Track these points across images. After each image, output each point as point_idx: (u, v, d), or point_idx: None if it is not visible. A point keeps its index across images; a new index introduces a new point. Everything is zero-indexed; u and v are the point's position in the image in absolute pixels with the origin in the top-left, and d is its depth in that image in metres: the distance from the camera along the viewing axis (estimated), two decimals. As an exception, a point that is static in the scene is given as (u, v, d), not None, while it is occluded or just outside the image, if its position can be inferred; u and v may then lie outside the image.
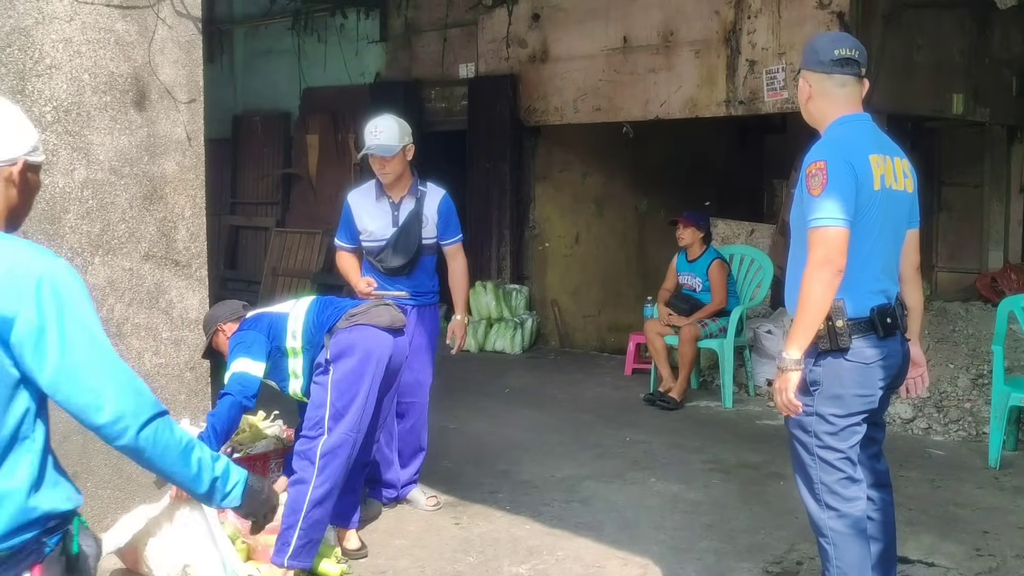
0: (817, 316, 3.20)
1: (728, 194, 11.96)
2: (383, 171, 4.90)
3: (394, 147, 4.86)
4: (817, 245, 3.17)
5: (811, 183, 3.22)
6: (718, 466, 5.84)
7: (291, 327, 4.34)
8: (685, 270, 7.54)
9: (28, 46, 4.24)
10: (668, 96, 8.79)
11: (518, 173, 10.05)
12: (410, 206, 4.96)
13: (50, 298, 2.03)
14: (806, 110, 3.48)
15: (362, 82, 11.12)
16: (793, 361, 3.23)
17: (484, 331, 9.60)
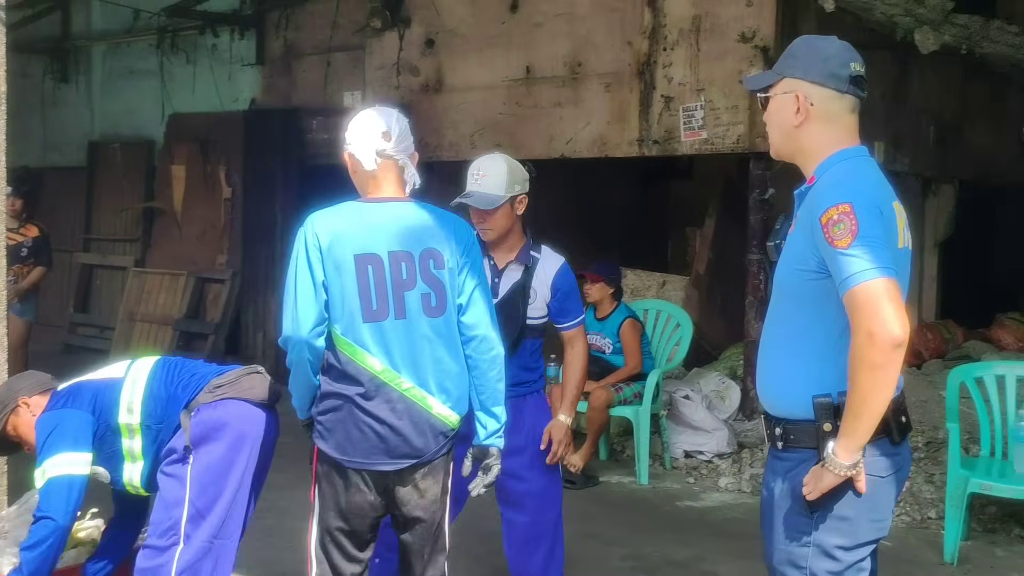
0: (878, 404, 2.36)
1: (632, 242, 11.23)
2: (483, 226, 3.78)
3: (497, 197, 3.79)
4: (864, 309, 2.32)
5: (833, 232, 2.36)
6: (641, 564, 4.94)
7: (126, 398, 3.36)
8: (593, 329, 6.67)
9: None
10: (575, 133, 7.98)
11: (408, 213, 9.06)
12: (515, 275, 3.85)
13: None
14: (790, 136, 2.60)
15: (235, 108, 10.03)
16: (845, 466, 2.40)
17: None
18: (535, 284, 3.86)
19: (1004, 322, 9.45)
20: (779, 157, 2.69)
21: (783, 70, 2.60)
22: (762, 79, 2.66)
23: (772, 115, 2.63)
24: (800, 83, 2.56)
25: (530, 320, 3.87)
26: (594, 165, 8.99)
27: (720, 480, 6.40)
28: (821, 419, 2.44)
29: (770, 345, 2.60)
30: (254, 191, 9.77)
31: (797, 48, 2.61)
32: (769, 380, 2.58)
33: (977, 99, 10.32)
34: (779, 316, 2.57)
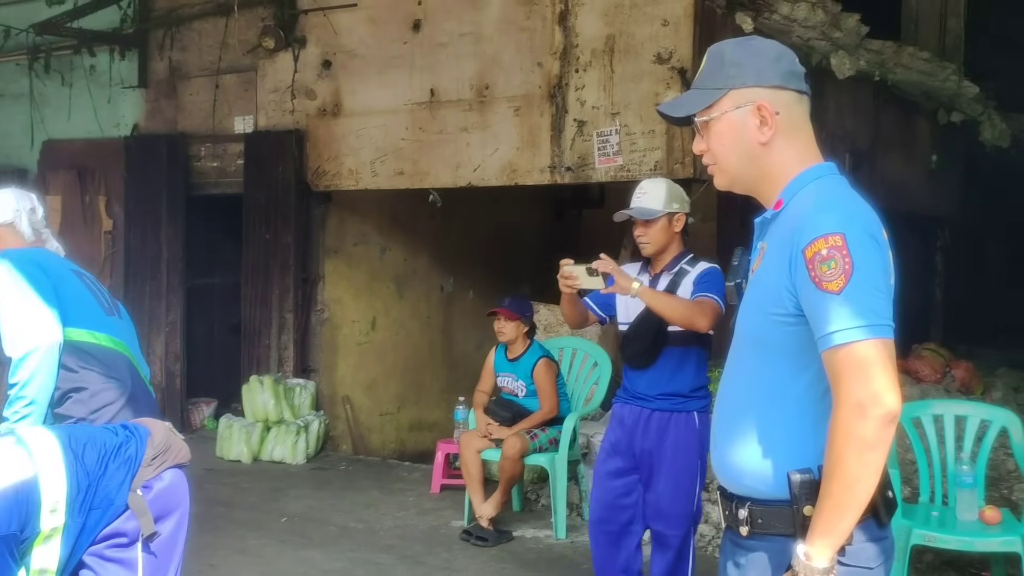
0: (867, 491, 1.90)
1: (542, 274, 10.80)
2: (643, 239, 4.16)
3: (654, 211, 4.10)
4: (852, 375, 1.87)
5: (821, 271, 1.90)
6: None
7: (49, 498, 2.66)
8: (505, 370, 6.16)
9: None
10: (483, 160, 7.49)
11: (304, 246, 8.47)
12: (665, 282, 4.14)
13: None
14: (754, 158, 2.11)
15: (116, 135, 9.28)
16: (822, 571, 1.90)
17: (260, 436, 7.88)
18: (680, 291, 4.07)
19: (921, 353, 9.23)
20: (732, 188, 2.21)
21: (726, 82, 2.11)
22: (697, 99, 2.16)
23: (724, 137, 2.12)
24: (756, 91, 2.08)
25: (673, 328, 4.02)
26: (503, 193, 8.53)
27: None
28: (800, 500, 1.96)
29: (731, 406, 2.11)
30: (137, 223, 9.04)
31: (734, 55, 2.12)
32: (730, 450, 2.09)
33: (888, 127, 10.20)
34: (744, 370, 2.09)
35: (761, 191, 2.16)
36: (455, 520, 6.22)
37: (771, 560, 2.00)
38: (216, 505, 6.50)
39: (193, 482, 6.49)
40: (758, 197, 2.19)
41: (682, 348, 4.09)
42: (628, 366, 4.26)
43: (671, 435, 4.08)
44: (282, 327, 8.44)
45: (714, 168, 2.20)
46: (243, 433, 7.84)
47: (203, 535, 5.75)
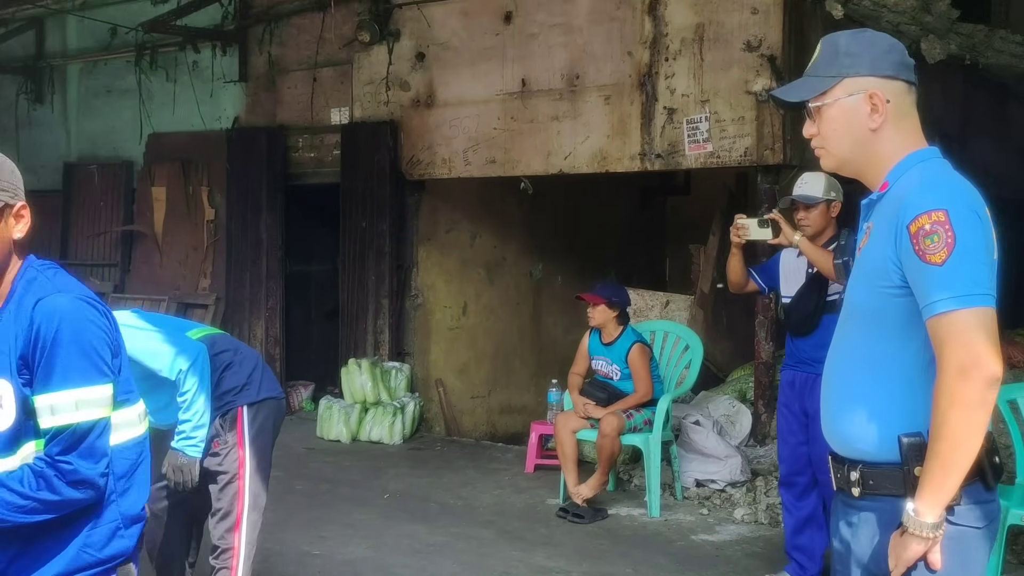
0: (971, 451, 2.03)
1: (628, 260, 10.93)
2: (802, 221, 4.69)
3: (815, 198, 4.65)
4: (955, 340, 2.00)
5: (925, 244, 2.03)
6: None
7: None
8: (600, 354, 6.32)
9: None
10: (574, 148, 7.65)
11: (399, 234, 8.73)
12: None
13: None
14: (864, 143, 2.22)
15: (218, 127, 9.66)
16: (931, 526, 2.03)
17: (358, 417, 8.17)
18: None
19: (1015, 339, 9.15)
20: (840, 171, 2.34)
21: (841, 71, 2.24)
22: (812, 86, 2.29)
23: (836, 123, 2.25)
24: (869, 80, 2.21)
25: (831, 297, 4.57)
26: (592, 181, 8.69)
27: (735, 511, 6.05)
28: (910, 461, 2.09)
29: (843, 375, 2.24)
30: (238, 212, 9.40)
31: (848, 45, 2.24)
32: (842, 416, 2.23)
33: (979, 111, 10.08)
34: (855, 342, 2.22)
35: (867, 174, 2.29)
36: (550, 499, 6.41)
37: (881, 519, 2.14)
38: (321, 482, 6.79)
39: (297, 460, 6.83)
40: (863, 180, 2.32)
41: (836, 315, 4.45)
42: (791, 334, 4.80)
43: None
44: (378, 312, 8.72)
45: (823, 152, 2.33)
46: (343, 414, 8.14)
47: (312, 510, 6.07)
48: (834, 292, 4.57)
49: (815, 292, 4.65)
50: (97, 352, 2.23)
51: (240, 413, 3.75)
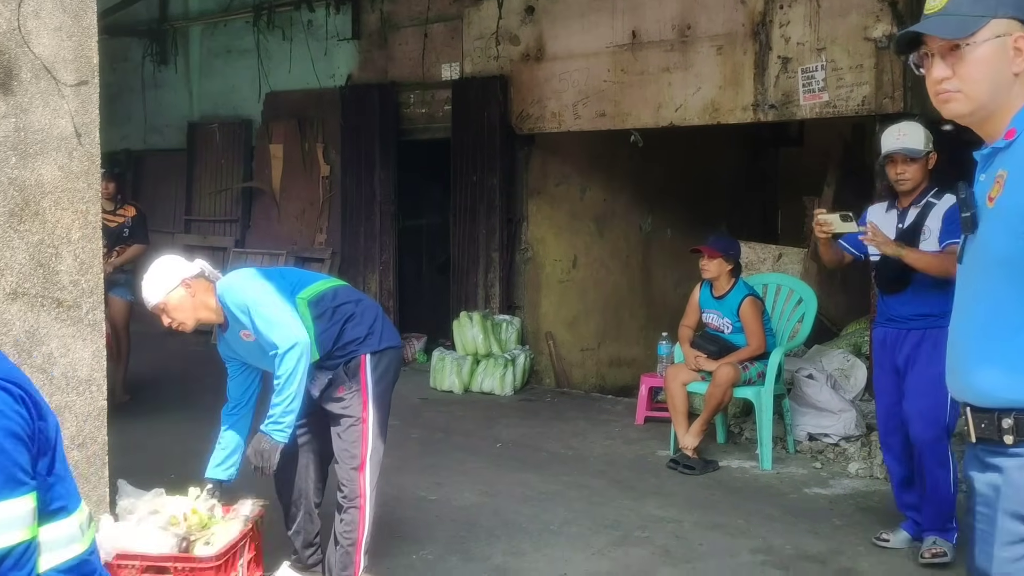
0: None
1: (739, 212, 10.79)
2: (902, 175, 4.55)
3: (918, 151, 4.50)
4: None
5: None
6: (772, 559, 4.59)
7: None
8: (710, 307, 6.29)
9: None
10: (685, 99, 7.58)
11: (509, 188, 8.80)
12: (913, 216, 4.56)
13: None
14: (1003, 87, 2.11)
15: (332, 85, 9.86)
16: None
17: (470, 369, 8.33)
18: (928, 223, 4.46)
19: None
20: (969, 117, 2.23)
21: (988, 10, 2.16)
22: (956, 25, 2.21)
23: (980, 65, 2.15)
24: (1013, 23, 2.14)
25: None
26: (702, 133, 8.60)
27: (849, 465, 6.00)
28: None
29: (982, 326, 2.21)
30: (352, 168, 9.61)
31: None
32: (985, 367, 2.20)
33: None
34: (993, 291, 2.19)
35: (995, 121, 2.21)
36: (660, 450, 6.46)
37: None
38: (435, 431, 6.97)
39: (411, 410, 7.01)
40: (983, 128, 2.23)
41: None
42: (881, 292, 4.69)
43: (926, 346, 4.40)
44: (488, 265, 8.83)
45: (957, 96, 2.23)
46: (455, 366, 8.31)
47: (427, 457, 6.25)
48: (927, 250, 4.44)
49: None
50: (7, 454, 1.75)
51: (363, 361, 3.87)
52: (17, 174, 3.38)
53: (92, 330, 3.63)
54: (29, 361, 3.44)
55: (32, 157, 3.42)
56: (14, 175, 3.38)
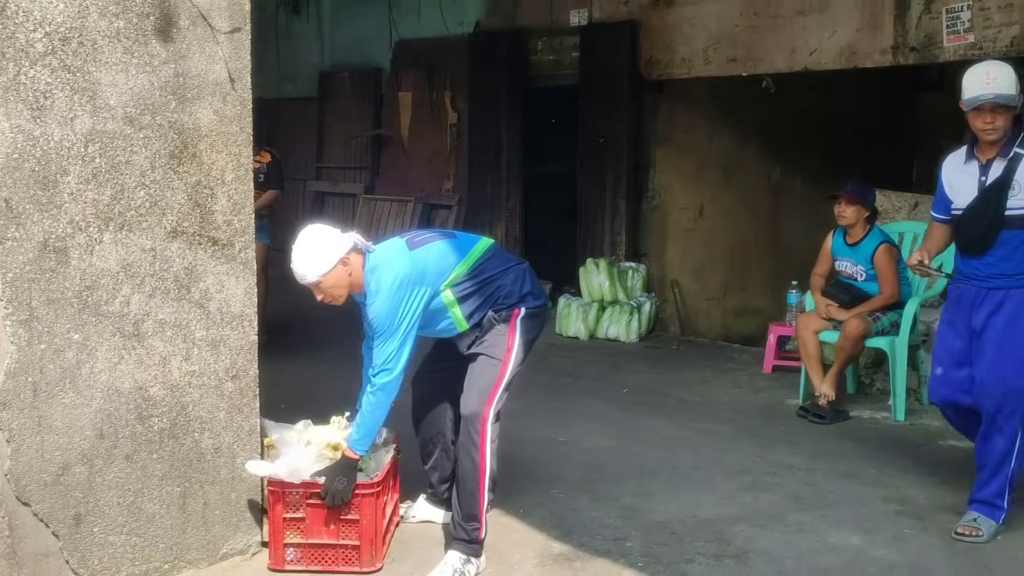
0: None
1: (872, 160, 10.47)
2: (990, 126, 4.02)
3: (1012, 96, 3.97)
4: None
5: None
6: (907, 509, 4.53)
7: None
8: (844, 255, 6.18)
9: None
10: (820, 43, 7.39)
11: (636, 135, 8.75)
12: (998, 169, 4.07)
13: None
14: None
15: (460, 32, 9.92)
16: None
17: (596, 315, 8.38)
18: (1018, 176, 4.01)
19: None
20: None
21: None
22: None
23: None
24: None
25: (1011, 211, 4.01)
26: (835, 77, 8.35)
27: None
28: None
29: None
30: (479, 116, 9.68)
31: None
32: None
33: None
34: None
35: None
36: (789, 398, 6.41)
37: None
38: (562, 375, 7.06)
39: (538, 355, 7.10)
40: None
41: (1017, 231, 4.04)
42: (962, 252, 4.25)
43: (1009, 306, 4.06)
44: (615, 213, 8.83)
45: None
46: (580, 312, 8.37)
47: (554, 400, 6.34)
48: (1017, 206, 4.00)
49: (991, 206, 4.05)
50: None
51: (516, 312, 3.88)
52: (176, 118, 3.55)
53: (244, 268, 3.81)
54: (188, 296, 3.63)
55: (190, 102, 3.58)
56: (174, 119, 3.55)
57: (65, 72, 3.27)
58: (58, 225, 3.30)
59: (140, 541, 3.60)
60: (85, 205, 3.35)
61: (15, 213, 3.21)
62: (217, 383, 3.75)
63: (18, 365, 3.26)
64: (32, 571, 3.36)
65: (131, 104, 3.43)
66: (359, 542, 3.77)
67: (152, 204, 3.51)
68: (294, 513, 3.75)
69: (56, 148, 3.27)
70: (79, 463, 3.42)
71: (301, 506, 3.75)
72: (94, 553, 3.49)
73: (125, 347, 3.49)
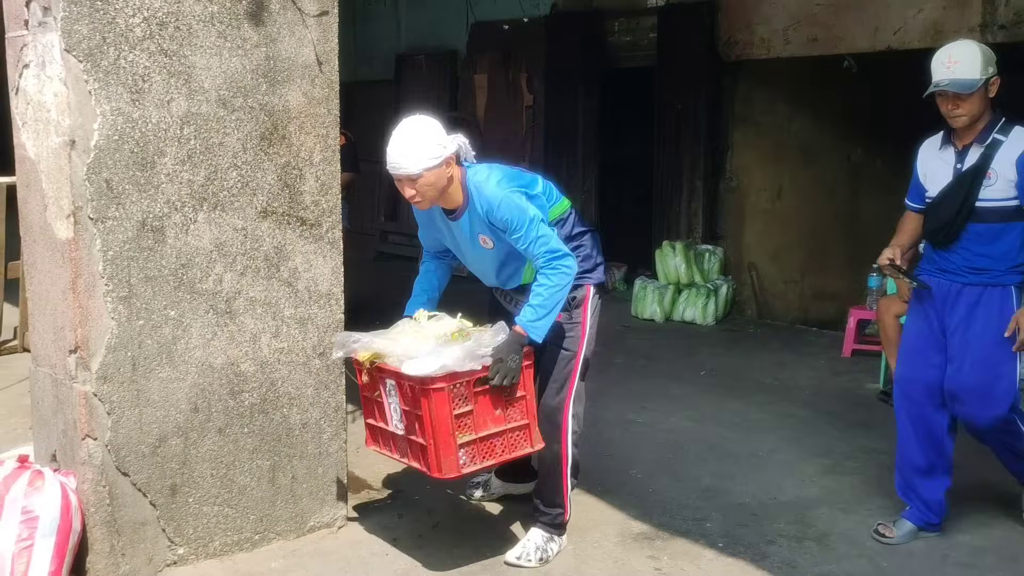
0: None
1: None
2: (955, 112, 3.76)
3: (973, 82, 3.69)
4: None
5: None
6: (991, 494, 4.46)
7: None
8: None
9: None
10: (904, 21, 7.25)
11: (713, 116, 8.68)
12: (974, 156, 3.78)
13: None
14: None
15: (536, 15, 9.92)
16: None
17: (672, 298, 8.36)
18: (995, 166, 3.73)
19: None
20: None
21: None
22: None
23: None
24: None
25: (982, 202, 3.74)
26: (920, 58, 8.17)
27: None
28: None
29: None
30: (555, 98, 9.68)
31: None
32: None
33: None
34: None
35: None
36: (869, 383, 6.34)
37: None
38: (638, 357, 7.06)
39: (615, 337, 7.11)
40: None
41: (998, 224, 3.74)
42: (928, 241, 3.97)
43: (982, 309, 3.77)
44: (692, 194, 8.77)
45: None
46: (656, 295, 8.35)
47: (631, 382, 6.35)
48: (990, 198, 3.71)
49: (963, 193, 3.75)
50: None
51: (588, 293, 3.78)
52: (267, 100, 3.63)
53: (331, 247, 3.89)
54: (277, 275, 3.72)
55: (280, 84, 3.66)
56: (264, 101, 3.63)
57: (162, 56, 3.37)
58: (155, 205, 3.40)
59: (232, 512, 3.71)
60: (181, 185, 3.45)
61: (115, 193, 3.32)
62: (305, 360, 3.84)
63: (118, 340, 3.38)
64: (130, 539, 3.48)
65: (224, 87, 3.52)
66: (527, 420, 3.60)
67: (244, 185, 3.60)
68: (463, 407, 3.43)
69: (153, 130, 3.38)
70: (175, 435, 3.54)
71: (469, 397, 3.44)
72: (189, 523, 3.61)
73: (218, 324, 3.60)
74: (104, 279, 3.33)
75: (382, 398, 3.64)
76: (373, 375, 3.61)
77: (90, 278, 3.31)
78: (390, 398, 3.59)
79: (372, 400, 3.72)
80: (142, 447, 3.47)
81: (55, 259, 3.43)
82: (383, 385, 3.60)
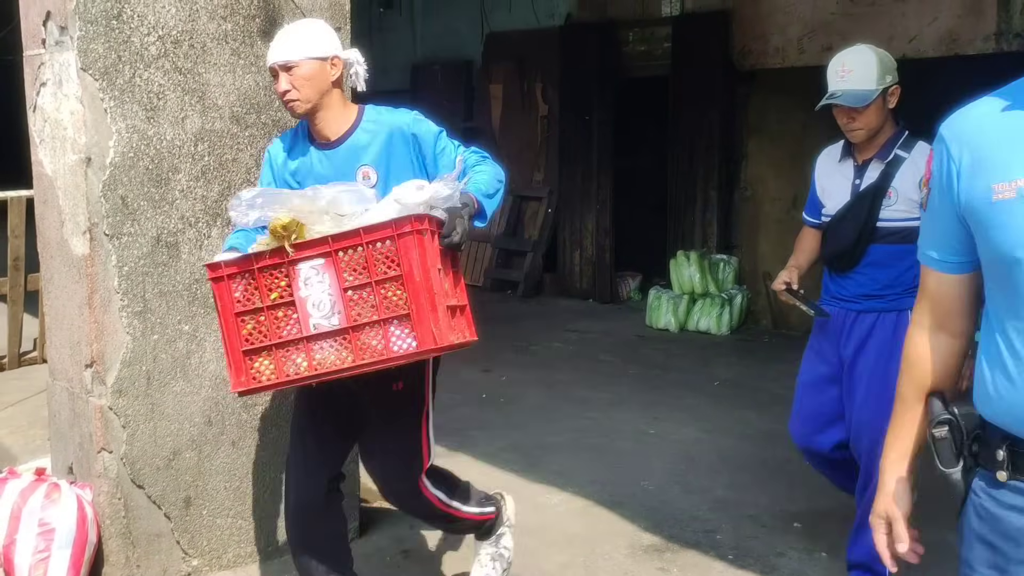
0: None
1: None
2: (852, 125, 3.45)
3: (868, 93, 3.38)
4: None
5: None
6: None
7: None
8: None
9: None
10: (919, 30, 7.24)
11: (728, 126, 8.69)
12: (874, 173, 3.46)
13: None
14: None
15: (551, 25, 9.96)
16: None
17: (686, 308, 8.37)
18: (896, 184, 3.40)
19: None
20: None
21: None
22: None
23: None
24: None
25: (884, 223, 3.42)
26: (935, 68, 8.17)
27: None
28: None
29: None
30: (570, 108, 9.71)
31: None
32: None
33: None
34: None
35: None
36: (884, 393, 6.32)
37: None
38: (652, 367, 7.07)
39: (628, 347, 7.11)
40: None
41: (899, 247, 3.39)
42: (827, 267, 3.68)
43: (876, 337, 3.46)
44: (706, 204, 8.78)
45: None
46: (671, 304, 8.36)
47: (644, 392, 6.37)
48: (891, 218, 3.40)
49: (862, 215, 3.43)
50: None
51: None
52: (280, 116, 3.67)
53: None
54: (290, 289, 3.75)
55: (293, 101, 3.69)
56: (277, 117, 3.67)
57: (177, 74, 3.42)
58: (170, 221, 3.45)
59: (245, 524, 3.75)
60: (195, 201, 3.50)
61: (131, 209, 3.37)
62: (318, 373, 3.87)
63: (133, 355, 3.42)
64: (145, 550, 3.53)
65: (238, 104, 3.56)
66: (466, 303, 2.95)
67: (257, 200, 3.64)
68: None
69: (168, 147, 3.43)
70: (189, 448, 3.58)
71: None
72: (203, 534, 3.65)
73: (232, 338, 3.63)
74: (119, 294, 3.37)
75: (291, 293, 2.71)
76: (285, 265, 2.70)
77: (106, 293, 3.36)
78: (310, 288, 2.70)
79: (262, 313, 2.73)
80: (156, 460, 3.51)
81: (71, 275, 3.48)
82: (295, 275, 2.69)
